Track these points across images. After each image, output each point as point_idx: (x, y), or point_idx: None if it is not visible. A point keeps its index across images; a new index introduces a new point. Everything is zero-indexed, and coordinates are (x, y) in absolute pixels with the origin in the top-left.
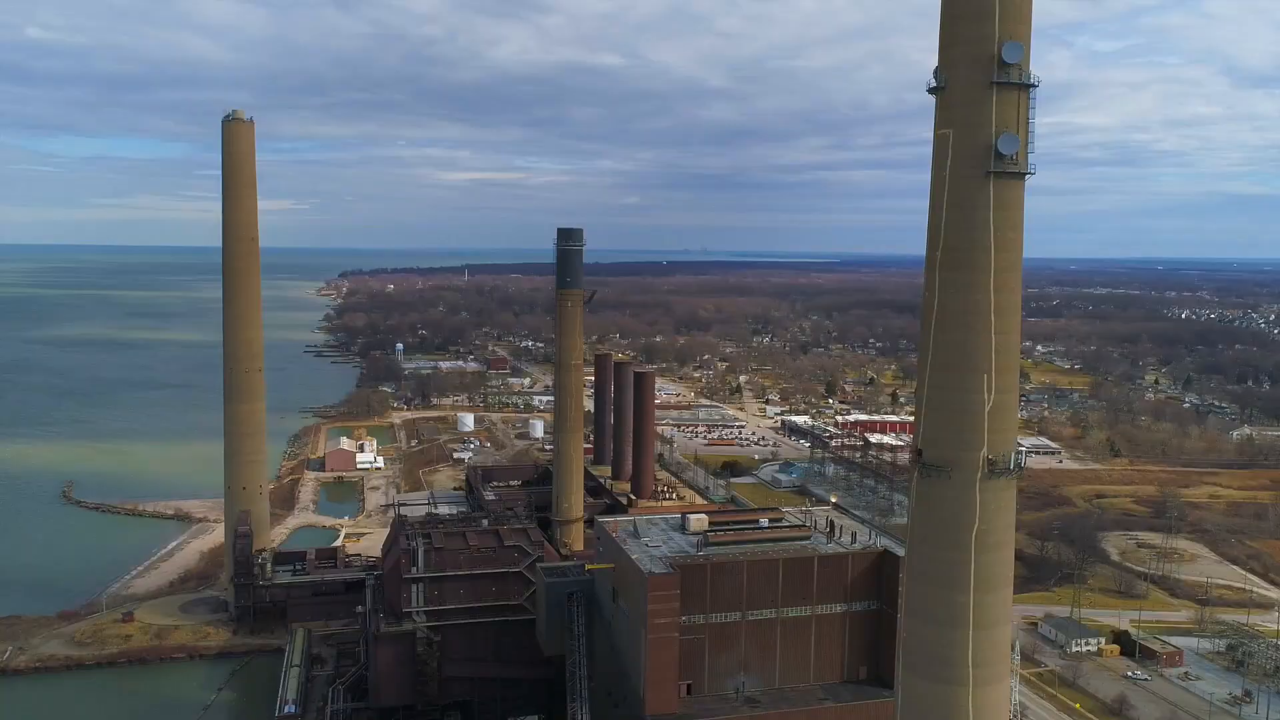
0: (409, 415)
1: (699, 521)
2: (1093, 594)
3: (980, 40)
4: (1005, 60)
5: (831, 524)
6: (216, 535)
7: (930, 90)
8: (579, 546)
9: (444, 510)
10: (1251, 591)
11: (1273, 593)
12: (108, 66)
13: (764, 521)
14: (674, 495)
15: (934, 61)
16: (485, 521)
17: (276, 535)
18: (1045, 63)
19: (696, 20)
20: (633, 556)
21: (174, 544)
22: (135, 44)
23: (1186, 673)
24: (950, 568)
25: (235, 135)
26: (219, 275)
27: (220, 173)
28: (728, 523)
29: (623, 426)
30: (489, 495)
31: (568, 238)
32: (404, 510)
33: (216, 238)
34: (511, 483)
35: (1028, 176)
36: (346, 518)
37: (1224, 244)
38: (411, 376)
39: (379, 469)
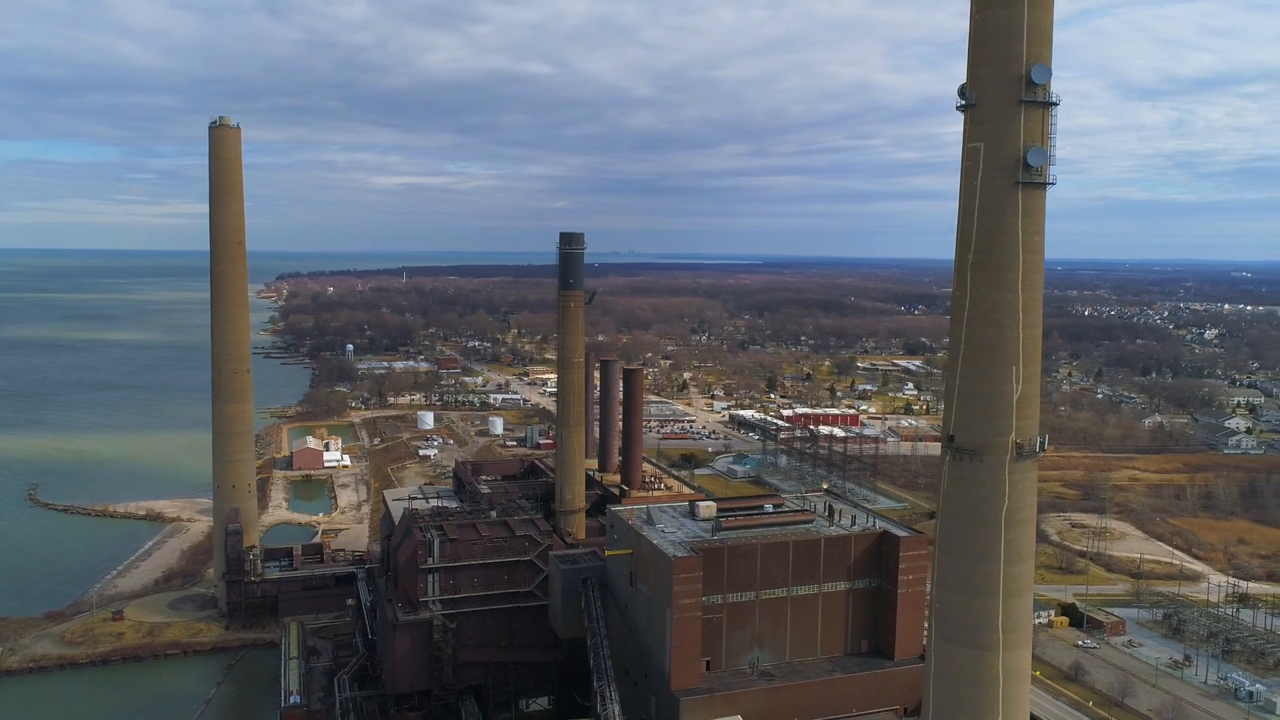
0: (367, 414)
1: (708, 508)
2: (1038, 570)
3: (1009, 61)
4: (1033, 80)
5: (830, 508)
6: (193, 534)
7: (960, 107)
8: (581, 535)
9: (435, 504)
10: (1180, 565)
11: (1197, 565)
12: (35, 70)
13: (768, 507)
14: (661, 485)
15: (847, 74)
16: (494, 513)
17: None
18: (951, 75)
19: (623, 32)
20: (653, 542)
21: (150, 543)
22: (64, 47)
23: (1130, 640)
24: (982, 543)
25: (222, 141)
26: (156, 278)
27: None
28: (735, 509)
29: (609, 421)
30: (484, 489)
31: (570, 242)
32: (405, 505)
33: (149, 241)
34: (485, 477)
35: (1049, 186)
36: (321, 514)
37: (1116, 245)
38: (366, 376)
39: (346, 467)
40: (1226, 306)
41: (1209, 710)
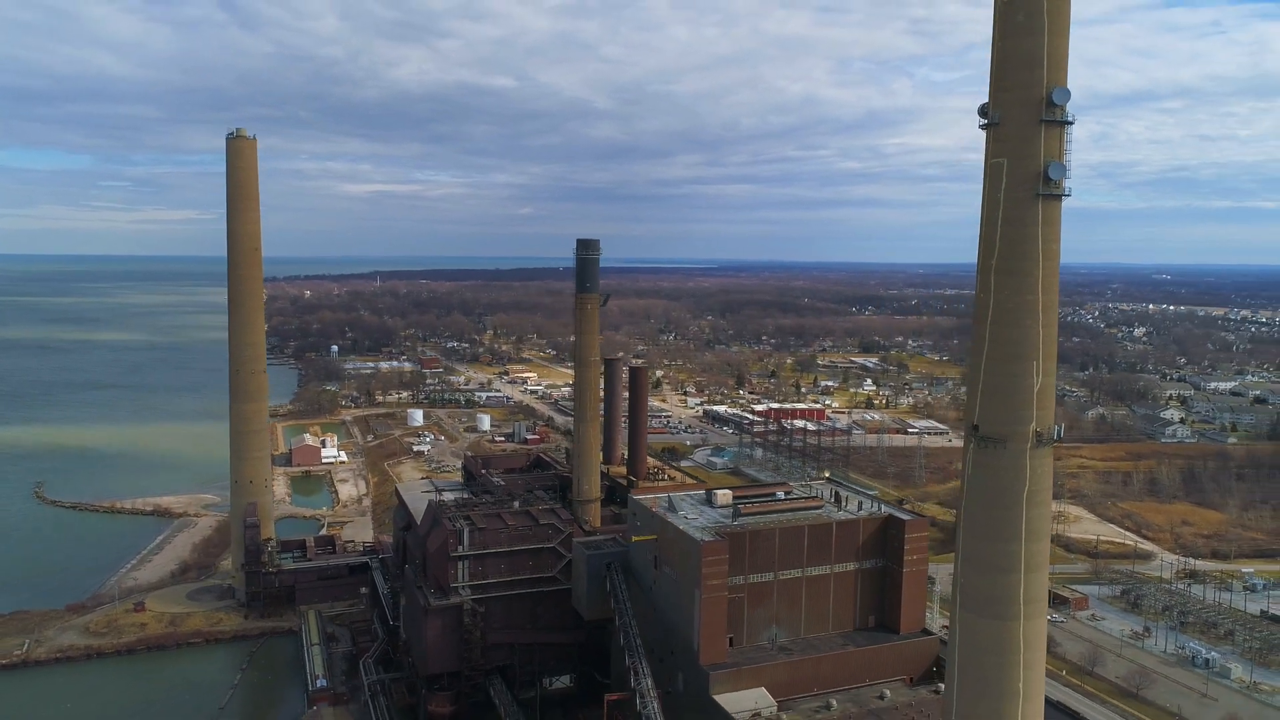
0: (358, 412)
1: (725, 496)
2: None
3: (1031, 85)
4: (1054, 102)
5: (836, 494)
6: (201, 528)
7: (982, 126)
8: (596, 523)
9: (448, 496)
10: (1134, 545)
11: (1148, 545)
12: (10, 79)
13: (780, 494)
14: (665, 476)
15: (795, 89)
16: (516, 504)
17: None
18: (890, 90)
19: (583, 47)
20: (679, 528)
21: (161, 538)
22: (41, 58)
23: (1094, 615)
24: (1005, 523)
25: (239, 152)
26: (135, 282)
27: (225, 186)
28: (749, 496)
29: (613, 417)
30: (497, 481)
31: (586, 248)
32: (428, 498)
33: (126, 246)
34: (486, 471)
35: (1065, 198)
36: (325, 508)
37: None
38: (353, 376)
39: (343, 463)
40: (1151, 306)
41: (1171, 676)
